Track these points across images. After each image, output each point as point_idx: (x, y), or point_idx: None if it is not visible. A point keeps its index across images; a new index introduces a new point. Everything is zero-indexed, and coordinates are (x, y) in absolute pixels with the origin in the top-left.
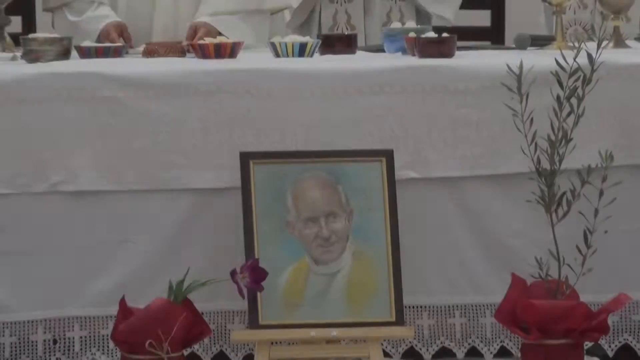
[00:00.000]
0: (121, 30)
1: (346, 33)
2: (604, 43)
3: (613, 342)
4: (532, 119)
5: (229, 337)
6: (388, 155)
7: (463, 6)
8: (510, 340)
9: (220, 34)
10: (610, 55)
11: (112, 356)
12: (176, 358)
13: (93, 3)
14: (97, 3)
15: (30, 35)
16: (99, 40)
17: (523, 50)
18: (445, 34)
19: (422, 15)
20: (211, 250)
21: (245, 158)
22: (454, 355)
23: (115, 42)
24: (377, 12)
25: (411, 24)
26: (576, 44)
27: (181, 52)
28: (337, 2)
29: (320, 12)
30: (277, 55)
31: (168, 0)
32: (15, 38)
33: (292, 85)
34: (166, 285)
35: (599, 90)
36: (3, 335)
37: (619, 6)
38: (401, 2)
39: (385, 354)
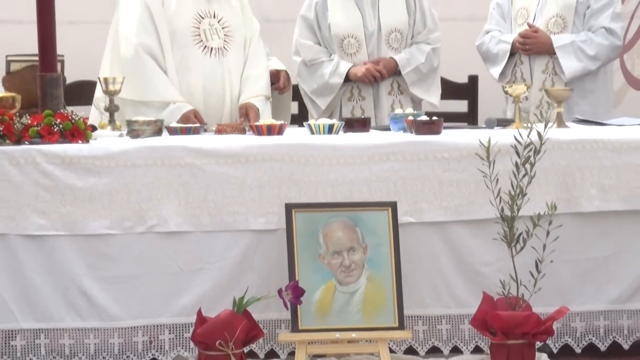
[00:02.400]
0: (195, 115)
1: (362, 117)
2: (550, 124)
3: (557, 342)
4: (497, 179)
5: (277, 339)
6: (393, 206)
7: (447, 97)
8: (482, 341)
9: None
10: (554, 133)
11: (192, 353)
12: (238, 354)
13: (170, 103)
14: (173, 102)
15: (134, 119)
16: (179, 122)
17: (491, 129)
18: (434, 117)
19: (416, 104)
20: (264, 275)
21: (289, 208)
22: (441, 352)
23: (193, 123)
24: (384, 105)
25: (409, 110)
26: (529, 125)
27: (242, 131)
28: (353, 101)
29: (341, 108)
30: (312, 132)
31: (235, 92)
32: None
33: (322, 154)
34: (231, 300)
35: (546, 158)
36: (113, 337)
37: (561, 98)
38: (400, 96)
39: (391, 351)
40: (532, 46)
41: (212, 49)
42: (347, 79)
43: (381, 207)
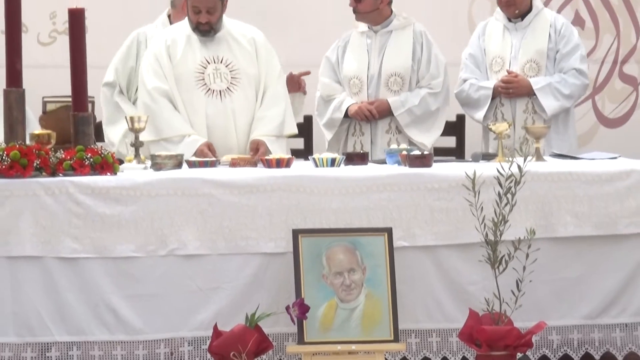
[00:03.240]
0: (208, 147)
1: (361, 152)
2: (529, 158)
3: (535, 354)
4: (482, 207)
5: (285, 350)
6: (388, 231)
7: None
8: (469, 353)
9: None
10: (533, 166)
11: None
12: None
13: (184, 136)
14: (188, 134)
15: (156, 153)
16: (195, 155)
17: (476, 163)
18: (425, 152)
19: (411, 143)
20: (273, 293)
21: (296, 233)
22: None
23: (208, 156)
24: (379, 142)
25: (403, 145)
26: (510, 159)
27: (254, 164)
28: (355, 136)
29: (347, 141)
30: (317, 165)
31: (245, 126)
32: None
33: (326, 185)
34: (244, 316)
35: (526, 188)
36: (138, 349)
37: (539, 135)
38: (398, 135)
39: None
40: (514, 89)
41: (214, 91)
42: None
43: (378, 233)
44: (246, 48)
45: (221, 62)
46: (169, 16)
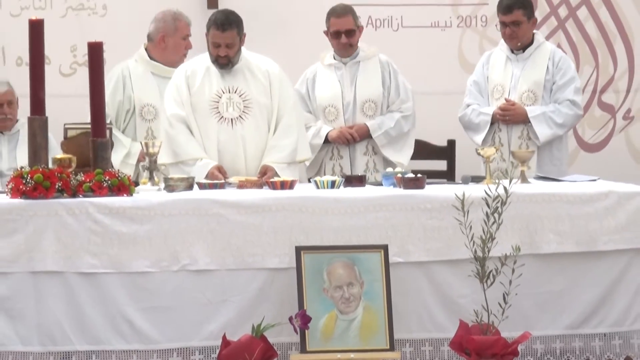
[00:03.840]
0: (219, 169)
1: (359, 174)
2: (514, 181)
3: None
4: (471, 226)
5: (289, 359)
6: (385, 248)
7: (429, 157)
8: None
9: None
10: (518, 187)
11: None
12: None
13: (197, 159)
14: (201, 158)
15: (169, 176)
16: (207, 177)
17: (466, 185)
18: (419, 175)
19: (388, 163)
20: (278, 305)
21: (299, 250)
22: None
23: (218, 179)
24: (360, 163)
25: (398, 169)
26: (497, 181)
27: (260, 186)
28: (334, 159)
29: (325, 166)
30: (318, 187)
31: (255, 152)
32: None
33: (326, 206)
34: (251, 326)
35: (512, 208)
36: (152, 357)
37: (524, 159)
38: (375, 156)
39: None
40: (511, 117)
41: (226, 119)
42: (327, 140)
43: (375, 249)
44: (260, 80)
45: (235, 92)
46: (146, 49)
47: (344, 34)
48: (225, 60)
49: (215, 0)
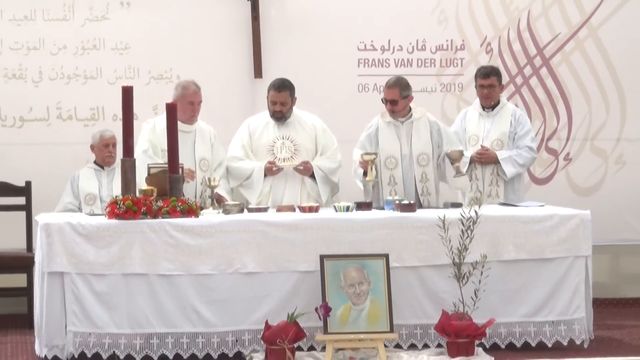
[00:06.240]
0: (270, 163)
1: (366, 201)
2: (482, 206)
3: (488, 341)
4: (450, 240)
5: (315, 339)
6: (386, 256)
7: None
8: (443, 340)
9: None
10: (486, 210)
11: (262, 348)
12: (290, 348)
13: (252, 169)
14: (252, 169)
15: (226, 202)
16: (265, 173)
17: (447, 209)
18: (411, 202)
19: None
20: (307, 299)
21: (322, 257)
22: (417, 347)
23: (274, 166)
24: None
25: (397, 198)
26: (469, 207)
27: (293, 210)
28: (390, 185)
29: (382, 188)
30: (336, 211)
31: (297, 187)
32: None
33: (343, 224)
34: (286, 314)
35: (481, 226)
36: (213, 337)
37: (455, 158)
38: (427, 182)
39: (385, 346)
40: (486, 159)
41: (279, 158)
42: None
43: (379, 257)
44: (307, 131)
45: (287, 139)
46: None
47: (389, 102)
48: (279, 115)
49: (260, 71)
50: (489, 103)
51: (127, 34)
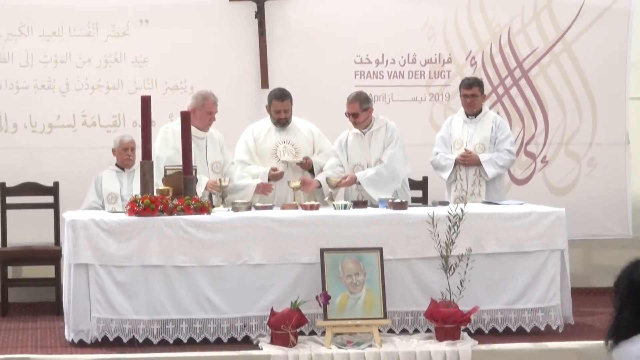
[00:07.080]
0: (273, 169)
1: (361, 200)
2: (467, 204)
3: (473, 327)
4: (438, 234)
5: (315, 324)
6: (380, 250)
7: (410, 188)
8: (431, 326)
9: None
10: (471, 208)
11: (268, 332)
12: (293, 333)
13: (257, 175)
14: (258, 174)
15: (235, 201)
16: (269, 177)
17: (435, 207)
18: (403, 200)
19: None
20: (308, 288)
21: (322, 251)
22: (408, 332)
23: (277, 175)
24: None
25: (390, 196)
26: (457, 205)
27: (296, 207)
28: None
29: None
30: (335, 209)
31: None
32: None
33: (341, 220)
34: (290, 302)
35: (466, 222)
36: (223, 323)
37: (334, 184)
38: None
39: (380, 332)
40: (469, 161)
41: (281, 160)
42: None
43: (374, 250)
44: (305, 135)
45: (289, 142)
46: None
47: (351, 115)
48: (284, 121)
49: (267, 82)
50: (472, 111)
51: (145, 49)
